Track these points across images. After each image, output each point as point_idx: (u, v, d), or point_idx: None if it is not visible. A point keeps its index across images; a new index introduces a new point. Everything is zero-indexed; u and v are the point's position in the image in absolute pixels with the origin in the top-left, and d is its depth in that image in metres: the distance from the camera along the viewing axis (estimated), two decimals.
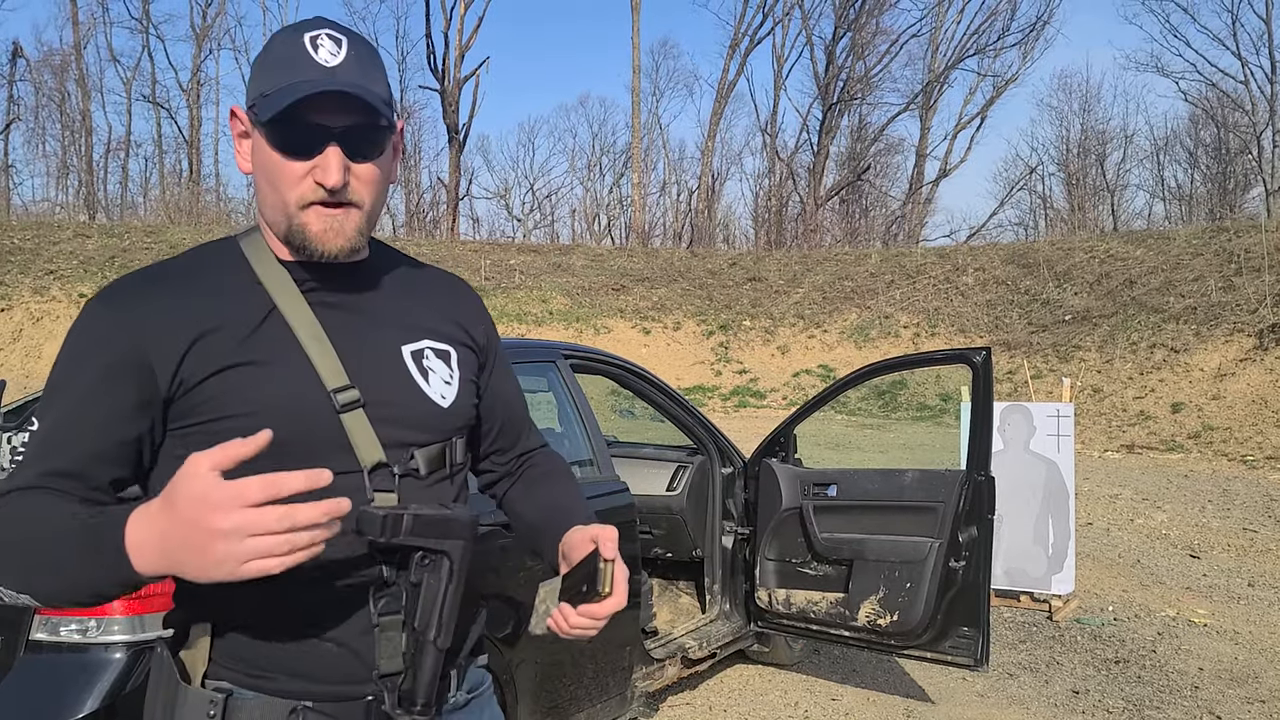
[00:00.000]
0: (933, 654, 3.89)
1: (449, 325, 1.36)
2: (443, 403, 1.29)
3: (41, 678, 2.34)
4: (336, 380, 1.19)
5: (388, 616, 1.18)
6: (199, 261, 1.25)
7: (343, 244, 1.20)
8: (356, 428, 1.19)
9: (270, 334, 1.19)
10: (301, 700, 1.18)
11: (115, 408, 1.14)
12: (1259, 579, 6.76)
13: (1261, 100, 32.43)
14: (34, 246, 21.85)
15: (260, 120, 1.15)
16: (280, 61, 1.16)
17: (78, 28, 34.04)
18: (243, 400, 1.15)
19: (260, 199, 1.22)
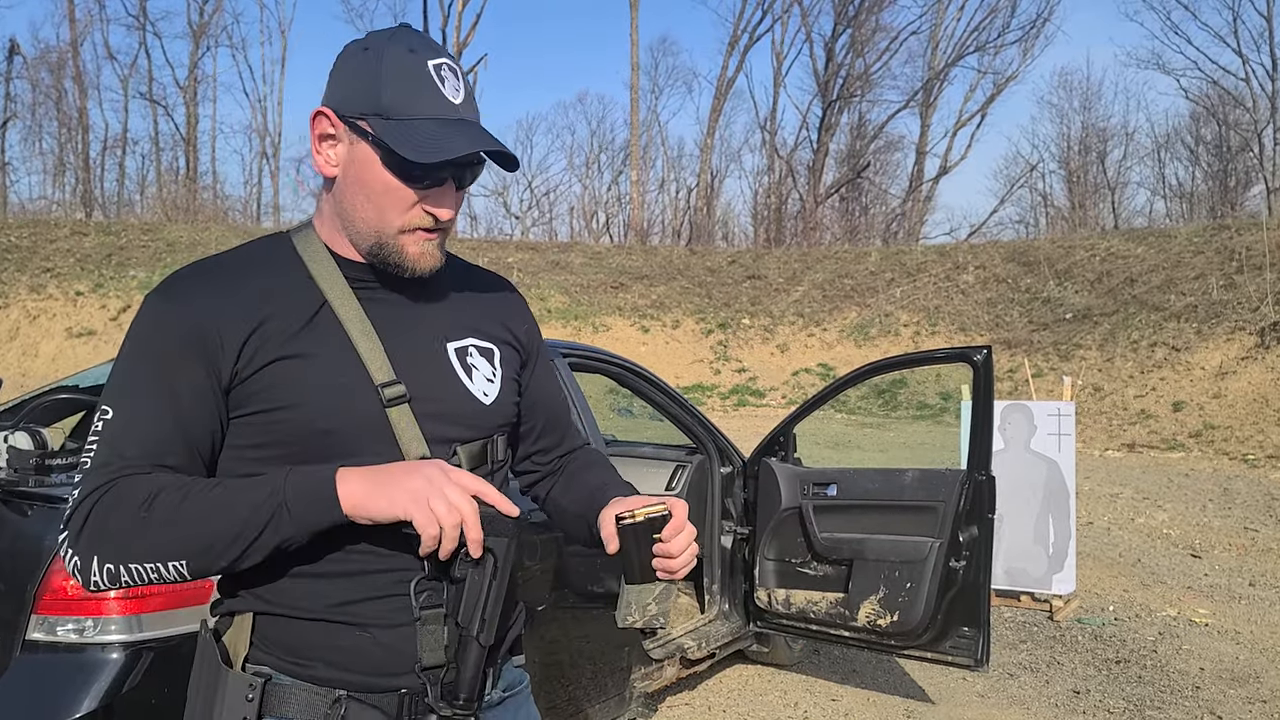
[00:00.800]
0: (933, 654, 3.87)
1: (493, 324, 1.38)
2: (485, 399, 1.31)
3: (38, 678, 2.33)
4: (384, 375, 1.22)
5: (430, 610, 1.21)
6: (252, 256, 1.27)
7: (434, 265, 1.26)
8: (402, 422, 1.22)
9: (321, 328, 1.22)
10: (338, 689, 1.20)
11: (191, 393, 1.17)
12: (1260, 578, 6.75)
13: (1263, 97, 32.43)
14: (31, 244, 21.83)
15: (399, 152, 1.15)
16: (406, 87, 1.18)
17: (74, 25, 34.02)
18: (293, 391, 1.18)
19: (348, 207, 1.23)
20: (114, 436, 1.16)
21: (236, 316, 1.18)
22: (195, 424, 1.17)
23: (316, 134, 1.24)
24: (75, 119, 34.16)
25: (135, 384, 1.18)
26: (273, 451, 1.19)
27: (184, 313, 1.18)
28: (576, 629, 3.35)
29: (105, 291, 20.76)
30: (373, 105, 1.18)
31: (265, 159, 37.28)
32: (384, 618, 1.21)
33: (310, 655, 1.21)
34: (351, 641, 1.21)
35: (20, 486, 2.49)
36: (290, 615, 1.21)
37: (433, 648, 1.21)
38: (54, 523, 2.36)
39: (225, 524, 1.11)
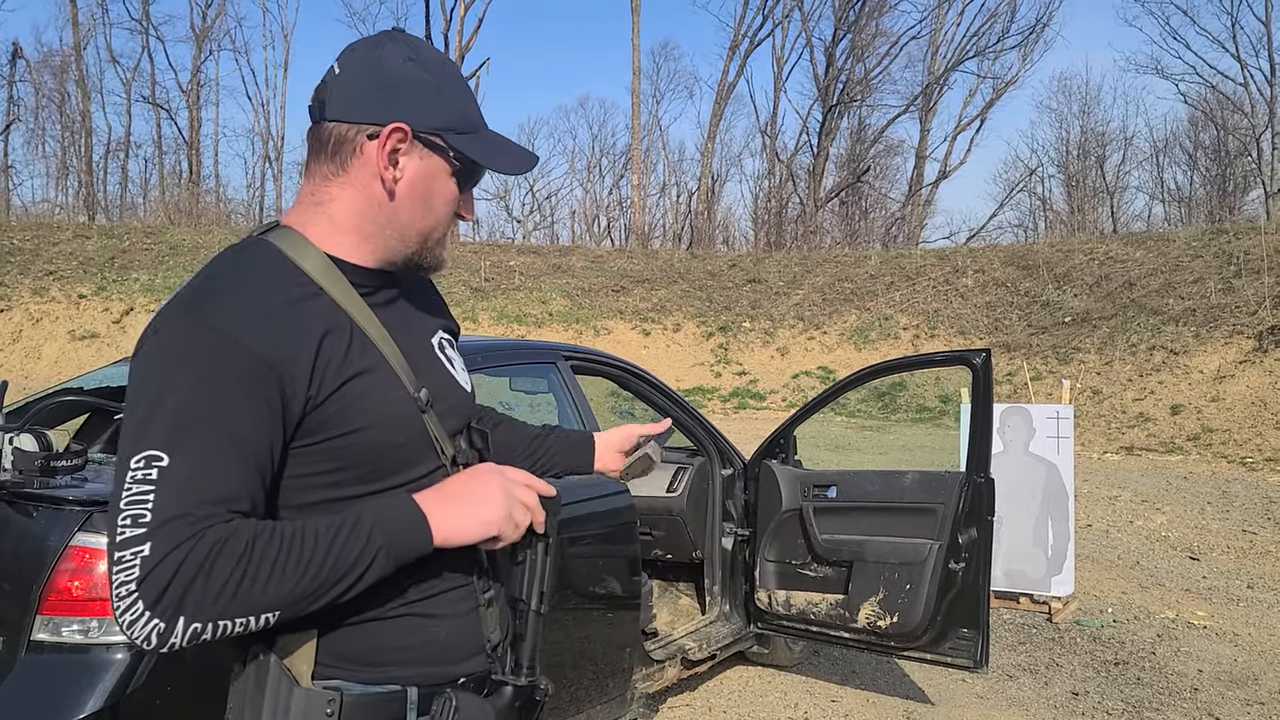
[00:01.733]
0: (932, 655, 3.89)
1: (444, 314, 1.45)
2: (468, 387, 1.39)
3: (44, 679, 2.33)
4: (414, 382, 1.25)
5: (488, 593, 1.29)
6: (266, 272, 1.19)
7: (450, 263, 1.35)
8: (434, 425, 1.26)
9: (359, 342, 1.19)
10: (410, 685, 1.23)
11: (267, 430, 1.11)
12: (1258, 581, 6.76)
13: (1261, 102, 32.47)
14: (34, 247, 21.84)
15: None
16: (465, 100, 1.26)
17: (78, 28, 34.04)
18: (364, 412, 1.17)
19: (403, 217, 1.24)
20: (182, 486, 1.05)
21: (297, 342, 1.12)
22: (265, 464, 1.11)
23: (388, 150, 1.20)
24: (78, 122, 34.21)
25: (195, 425, 1.07)
26: (346, 474, 1.17)
27: (243, 342, 1.09)
28: (578, 630, 3.37)
29: (108, 294, 20.76)
30: (445, 120, 1.23)
31: (268, 162, 37.37)
32: (451, 608, 1.26)
33: (382, 660, 1.21)
34: (421, 637, 1.24)
35: (25, 488, 2.49)
36: (358, 622, 1.19)
37: (494, 627, 1.29)
38: (59, 524, 2.38)
39: (328, 574, 1.09)
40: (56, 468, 2.64)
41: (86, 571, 2.33)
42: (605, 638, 3.49)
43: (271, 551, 1.06)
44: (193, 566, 1.03)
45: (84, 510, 2.37)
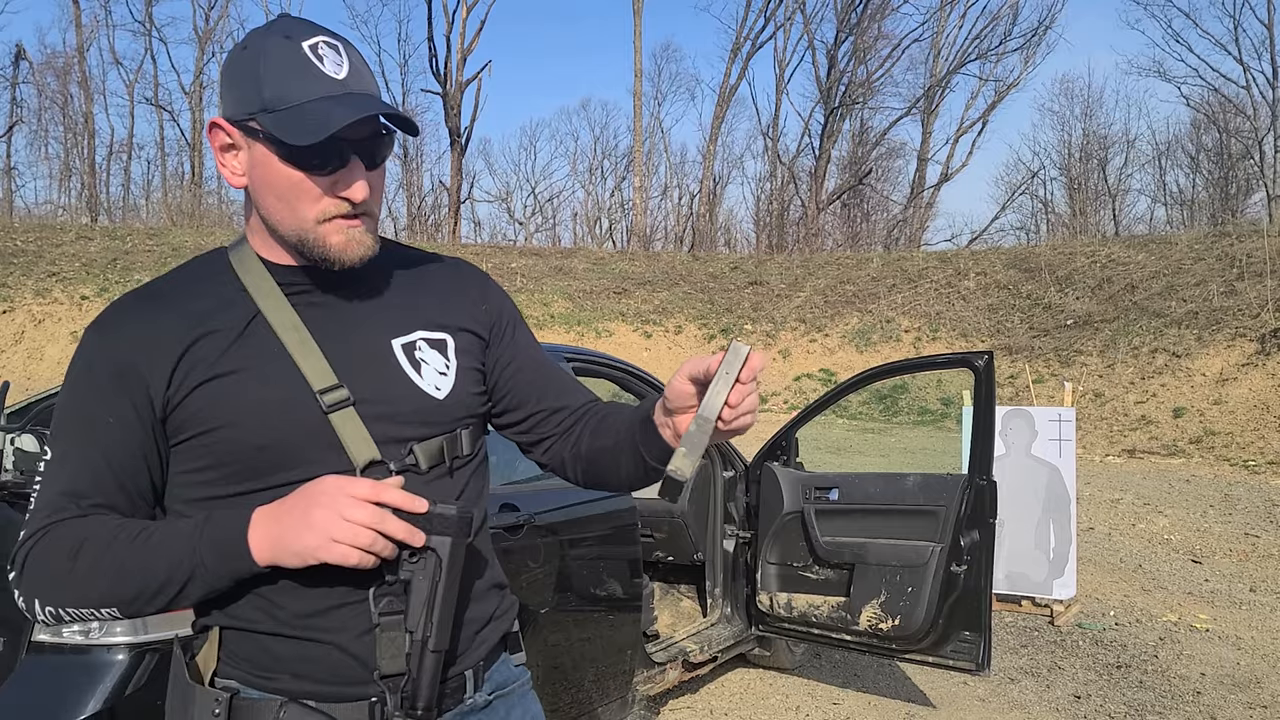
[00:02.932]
0: (934, 658, 3.88)
1: (446, 312, 1.33)
2: (437, 394, 1.26)
3: (44, 679, 2.34)
4: (323, 381, 1.18)
5: (389, 617, 1.16)
6: (187, 276, 1.25)
7: (364, 253, 1.21)
8: (347, 426, 1.18)
9: (254, 341, 1.19)
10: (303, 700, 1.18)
11: (121, 428, 1.16)
12: (1261, 584, 6.75)
13: (1263, 105, 32.45)
14: (36, 249, 21.88)
15: (277, 139, 1.12)
16: (284, 74, 1.13)
17: (80, 30, 34.11)
18: (225, 410, 1.15)
19: (266, 213, 1.20)
20: (50, 478, 1.17)
21: (165, 344, 1.17)
22: (126, 461, 1.17)
23: (217, 147, 1.20)
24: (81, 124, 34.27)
25: (67, 425, 1.19)
26: (216, 473, 1.17)
27: (112, 347, 1.18)
28: (578, 632, 3.37)
29: (110, 296, 20.78)
30: (258, 103, 1.14)
31: None
32: (347, 627, 1.18)
33: (275, 667, 1.19)
34: (317, 653, 1.19)
35: (27, 488, 2.50)
36: (253, 630, 1.19)
37: (392, 655, 1.16)
38: None
39: (147, 578, 1.11)
40: None
41: None
42: (606, 640, 3.48)
43: (98, 550, 1.11)
44: (37, 554, 1.14)
45: None
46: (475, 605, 1.30)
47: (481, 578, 1.33)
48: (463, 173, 35.35)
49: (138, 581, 1.11)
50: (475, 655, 1.30)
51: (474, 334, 1.34)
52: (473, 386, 1.32)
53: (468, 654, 1.29)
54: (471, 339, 1.34)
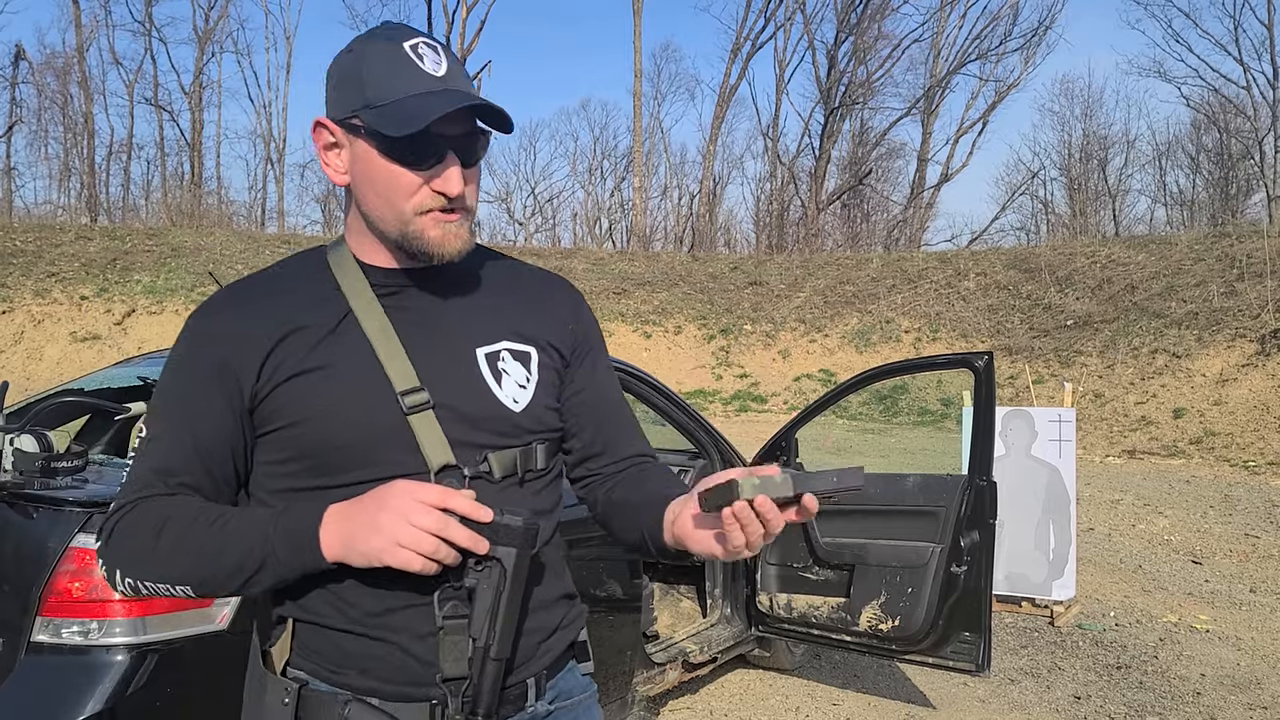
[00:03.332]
0: (934, 659, 3.88)
1: (534, 325, 1.33)
2: (514, 406, 1.27)
3: (43, 680, 2.33)
4: (405, 383, 1.20)
5: (453, 620, 1.18)
6: (284, 272, 1.30)
7: (460, 247, 1.23)
8: (425, 429, 1.20)
9: (343, 339, 1.22)
10: (367, 697, 1.21)
11: (212, 415, 1.21)
12: (1261, 585, 6.75)
13: (1264, 105, 32.45)
14: (36, 249, 21.87)
15: (378, 132, 1.16)
16: (386, 72, 1.17)
17: (80, 30, 34.10)
18: (309, 406, 1.19)
19: (366, 209, 1.24)
20: (144, 455, 1.23)
21: (257, 336, 1.21)
22: (213, 446, 1.21)
23: (321, 146, 1.24)
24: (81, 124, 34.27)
25: (163, 406, 1.24)
26: (296, 466, 1.21)
27: (207, 337, 1.23)
28: None
29: (110, 296, 20.78)
30: (360, 100, 1.18)
31: (270, 164, 37.39)
32: (411, 628, 1.20)
33: (343, 663, 1.22)
34: (382, 651, 1.21)
35: (26, 489, 2.49)
36: (321, 625, 1.22)
37: (455, 658, 1.18)
38: (59, 525, 2.37)
39: (221, 562, 1.15)
40: (57, 469, 2.64)
41: (87, 573, 2.32)
42: (606, 640, 3.48)
43: (180, 530, 1.16)
44: (122, 529, 1.19)
45: (84, 511, 2.36)
46: (540, 615, 1.31)
47: (549, 588, 1.34)
48: None
49: (212, 564, 1.16)
50: (538, 664, 1.30)
51: (558, 351, 1.35)
52: (550, 402, 1.33)
53: (530, 662, 1.29)
54: (554, 356, 1.35)
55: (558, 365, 1.35)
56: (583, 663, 1.40)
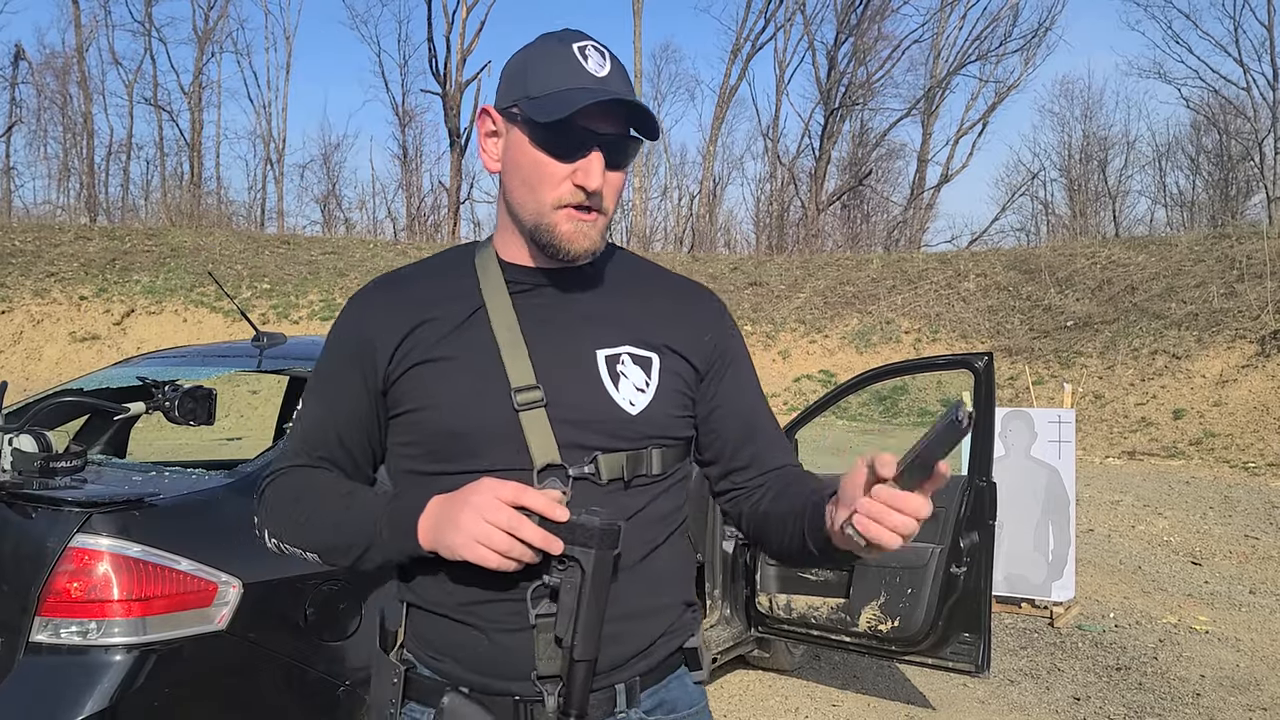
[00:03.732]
0: (934, 660, 3.88)
1: (661, 332, 1.32)
2: (630, 409, 1.26)
3: (42, 680, 2.33)
4: (522, 379, 1.23)
5: (545, 618, 1.19)
6: (434, 264, 1.37)
7: (588, 246, 1.26)
8: (534, 426, 1.22)
9: (470, 332, 1.26)
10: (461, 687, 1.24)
11: (349, 395, 1.30)
12: (1261, 586, 6.75)
13: (1264, 107, 32.44)
14: (35, 249, 21.85)
15: (535, 121, 1.20)
16: (549, 67, 1.23)
17: (80, 30, 34.09)
18: (429, 393, 1.25)
19: (510, 197, 1.28)
20: (296, 427, 1.35)
21: (394, 324, 1.27)
22: (349, 424, 1.31)
23: (483, 133, 1.30)
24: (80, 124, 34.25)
25: (315, 383, 1.35)
26: (416, 450, 1.27)
27: (354, 322, 1.32)
28: None
29: (109, 296, 20.77)
30: (522, 90, 1.23)
31: (269, 165, 37.31)
32: (501, 621, 1.22)
33: (445, 652, 1.26)
34: (475, 641, 1.24)
35: (24, 489, 2.49)
36: (429, 610, 1.27)
37: (549, 657, 1.19)
38: (58, 525, 2.37)
39: (339, 538, 1.24)
40: (56, 469, 2.63)
41: (85, 573, 2.32)
42: None
43: (313, 504, 1.27)
44: (272, 492, 1.32)
45: (83, 511, 2.36)
46: (637, 621, 1.29)
47: (653, 594, 1.31)
48: (462, 173, 35.34)
49: (332, 538, 1.25)
50: (631, 670, 1.29)
51: (686, 360, 1.34)
52: (673, 409, 1.31)
53: (622, 668, 1.27)
54: (682, 364, 1.33)
55: (685, 374, 1.34)
56: (694, 671, 1.38)
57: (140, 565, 2.34)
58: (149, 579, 2.35)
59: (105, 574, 2.32)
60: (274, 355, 3.48)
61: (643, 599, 1.29)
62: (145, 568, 2.34)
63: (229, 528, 2.53)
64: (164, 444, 9.63)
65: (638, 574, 1.27)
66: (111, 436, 4.11)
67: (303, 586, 2.58)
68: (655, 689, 1.32)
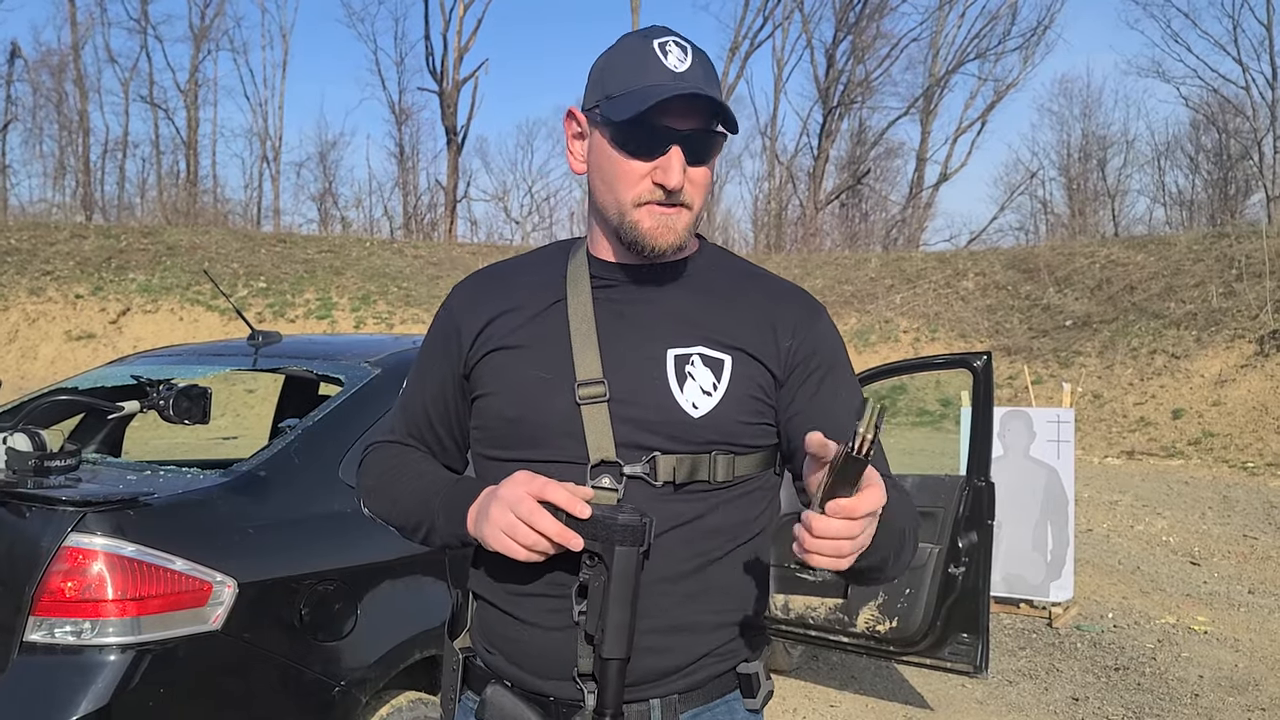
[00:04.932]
0: (932, 660, 3.87)
1: (738, 334, 1.27)
2: (692, 411, 1.22)
3: (36, 680, 2.31)
4: (589, 373, 1.23)
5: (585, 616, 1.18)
6: (529, 258, 1.41)
7: (673, 240, 1.25)
8: (594, 421, 1.22)
9: (546, 323, 1.28)
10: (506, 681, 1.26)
11: (436, 378, 1.36)
12: (1259, 586, 6.75)
13: (1262, 106, 32.47)
14: (30, 247, 21.83)
15: (611, 120, 1.21)
16: (629, 65, 1.23)
17: (76, 28, 34.07)
18: (499, 380, 1.28)
19: (595, 197, 1.29)
20: (395, 405, 1.44)
21: (479, 313, 1.32)
22: (436, 407, 1.37)
23: (570, 135, 1.32)
24: (76, 122, 34.23)
25: (414, 366, 1.42)
26: (484, 434, 1.32)
27: (449, 310, 1.37)
28: None
29: (105, 295, 20.75)
30: (603, 91, 1.24)
31: (266, 163, 37.27)
32: (543, 618, 1.22)
33: (496, 645, 1.29)
34: (511, 634, 1.26)
35: (18, 488, 2.47)
36: (487, 601, 1.30)
37: (587, 655, 1.18)
38: (52, 525, 2.35)
39: (407, 516, 1.31)
40: (50, 468, 2.62)
41: (80, 572, 2.31)
42: None
43: (391, 479, 1.34)
44: (365, 464, 1.41)
45: (77, 510, 2.34)
46: (679, 635, 1.24)
47: (700, 609, 1.26)
48: (459, 171, 35.36)
49: (403, 516, 1.32)
50: (668, 686, 1.24)
51: (762, 365, 1.28)
52: (742, 415, 1.25)
53: (659, 683, 1.24)
54: (757, 369, 1.27)
55: (761, 379, 1.27)
56: (747, 698, 1.31)
57: (135, 565, 2.32)
58: (143, 579, 2.33)
59: (100, 573, 2.30)
60: (270, 354, 3.46)
61: (688, 613, 1.24)
62: (140, 567, 2.33)
63: (224, 527, 2.51)
64: (160, 443, 9.62)
65: (684, 585, 1.23)
66: (106, 435, 4.09)
67: (298, 587, 2.56)
68: (698, 711, 1.26)
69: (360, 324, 21.09)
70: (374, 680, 2.67)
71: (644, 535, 1.15)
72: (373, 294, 22.10)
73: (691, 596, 1.24)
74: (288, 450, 2.75)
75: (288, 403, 4.51)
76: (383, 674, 2.69)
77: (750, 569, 1.30)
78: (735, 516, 1.27)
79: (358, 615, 2.67)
